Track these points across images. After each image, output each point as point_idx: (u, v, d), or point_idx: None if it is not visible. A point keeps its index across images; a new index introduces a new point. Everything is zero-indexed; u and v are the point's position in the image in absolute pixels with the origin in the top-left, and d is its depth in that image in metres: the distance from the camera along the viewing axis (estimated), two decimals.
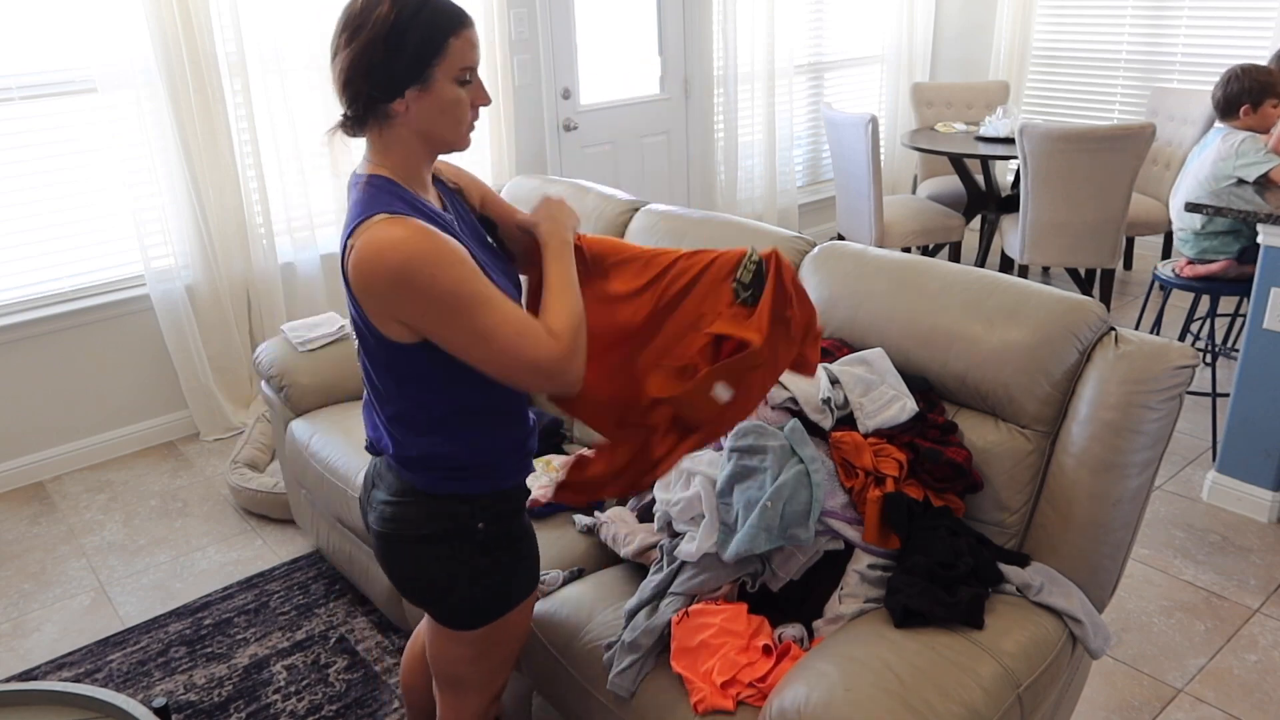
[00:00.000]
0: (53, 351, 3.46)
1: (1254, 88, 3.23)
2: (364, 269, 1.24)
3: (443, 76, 1.29)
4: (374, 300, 1.26)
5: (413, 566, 1.45)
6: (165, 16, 3.32)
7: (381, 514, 1.46)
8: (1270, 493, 2.91)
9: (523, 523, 1.52)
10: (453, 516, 1.43)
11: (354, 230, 1.27)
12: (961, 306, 1.86)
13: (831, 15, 5.57)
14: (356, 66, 1.27)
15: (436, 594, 1.46)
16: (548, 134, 4.51)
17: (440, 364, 1.34)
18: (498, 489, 1.46)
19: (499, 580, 1.48)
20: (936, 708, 1.41)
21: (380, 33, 1.25)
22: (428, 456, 1.40)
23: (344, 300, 3.97)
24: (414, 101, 1.29)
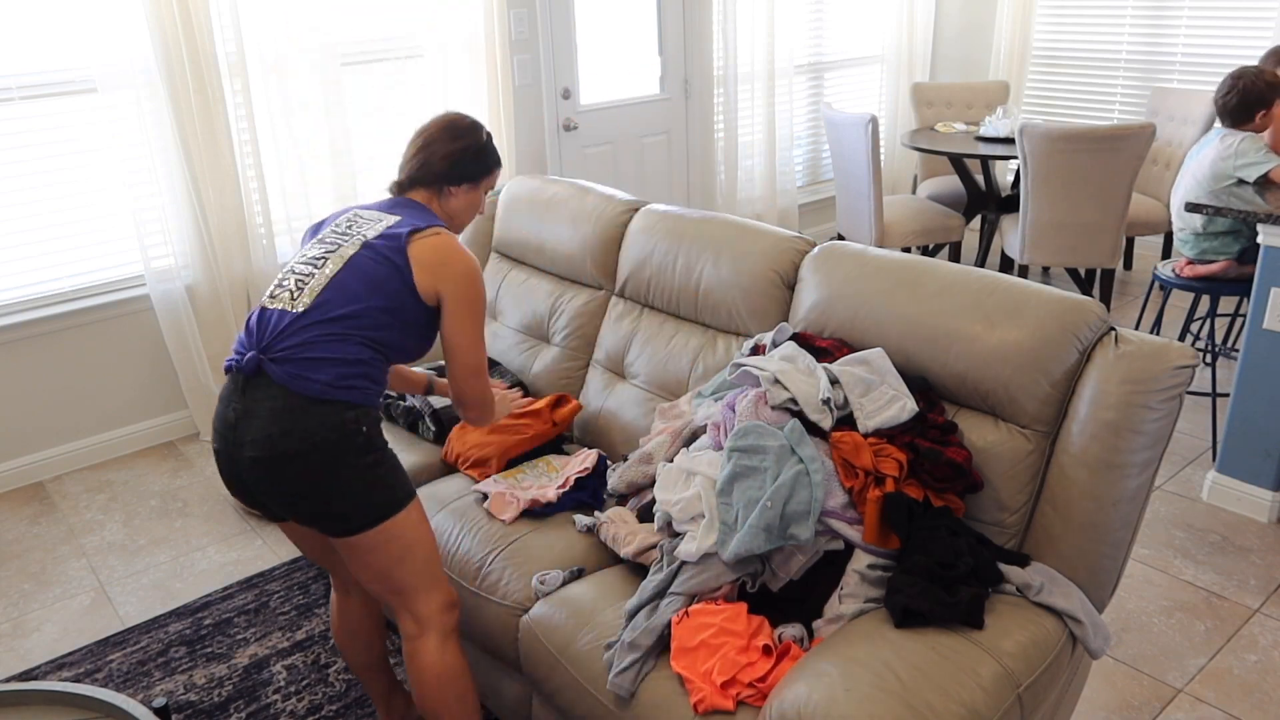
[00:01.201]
0: (53, 351, 3.46)
1: (1269, 90, 3.22)
2: (446, 253, 1.77)
3: (482, 187, 1.96)
4: (437, 271, 1.75)
5: (308, 477, 1.63)
6: (165, 16, 3.32)
7: (268, 435, 1.62)
8: (1270, 493, 2.91)
9: (385, 442, 1.75)
10: (341, 423, 1.64)
11: (429, 225, 1.80)
12: (961, 306, 1.86)
13: (831, 15, 5.57)
14: (454, 156, 1.89)
15: (331, 500, 1.65)
16: (548, 134, 4.51)
17: (421, 319, 1.78)
18: (376, 405, 1.74)
19: (381, 477, 1.69)
20: (936, 708, 1.41)
21: (475, 147, 1.92)
22: (334, 358, 1.66)
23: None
24: (465, 192, 1.93)
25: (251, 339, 1.72)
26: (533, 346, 2.72)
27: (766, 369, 1.85)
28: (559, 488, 2.19)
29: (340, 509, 1.66)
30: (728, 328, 2.32)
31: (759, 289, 2.23)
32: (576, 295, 2.68)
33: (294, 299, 1.72)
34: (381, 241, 1.76)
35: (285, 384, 1.64)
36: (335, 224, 1.85)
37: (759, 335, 2.08)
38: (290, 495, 1.65)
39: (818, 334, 2.07)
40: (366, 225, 1.81)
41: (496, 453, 2.32)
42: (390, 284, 1.73)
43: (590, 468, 2.24)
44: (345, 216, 1.87)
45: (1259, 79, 3.23)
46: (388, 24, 3.96)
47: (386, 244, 1.75)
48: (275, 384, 1.65)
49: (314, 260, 1.77)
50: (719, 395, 2.07)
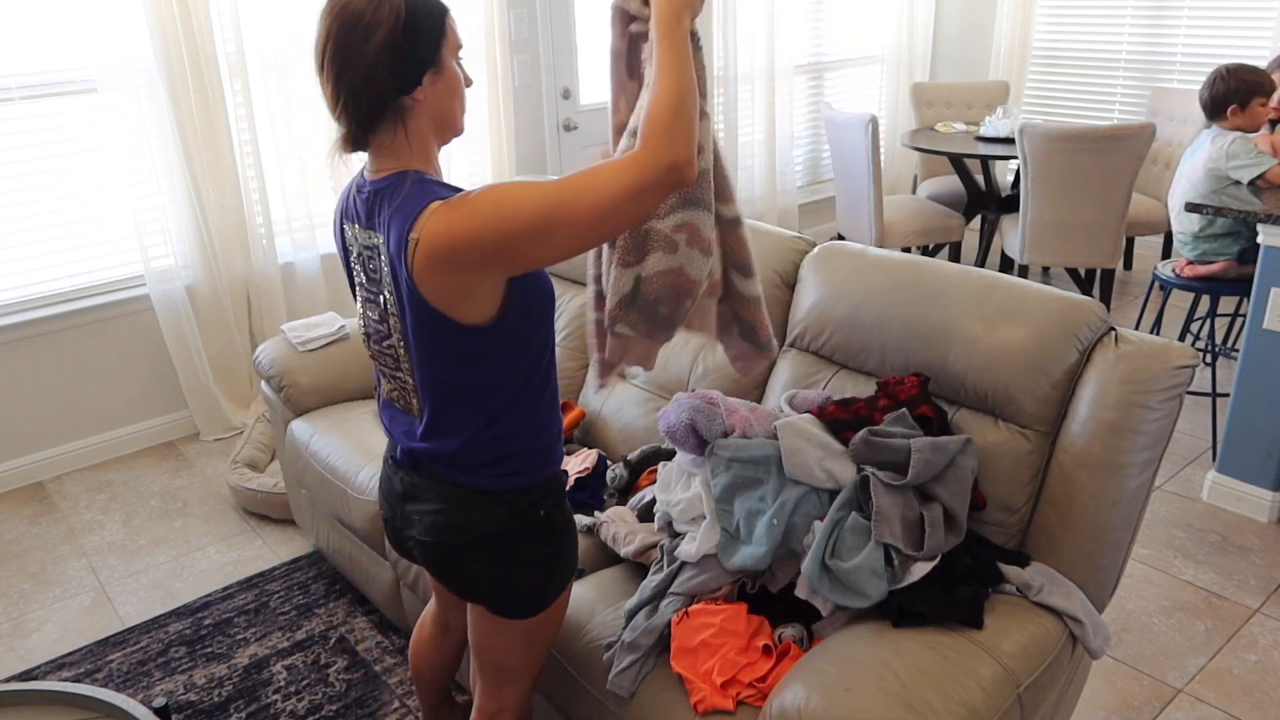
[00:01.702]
0: (53, 351, 3.46)
1: (1241, 88, 3.21)
2: (440, 258, 1.24)
3: (449, 56, 1.34)
4: (451, 285, 1.27)
5: (477, 569, 1.45)
6: (165, 17, 3.32)
7: (434, 524, 1.45)
8: (1270, 493, 2.91)
9: (568, 505, 1.55)
10: (514, 512, 1.44)
11: (411, 226, 1.26)
12: (961, 306, 1.86)
13: (831, 15, 5.57)
14: (380, 63, 1.27)
15: (501, 589, 1.47)
16: (548, 134, 4.51)
17: (508, 339, 1.36)
18: (553, 474, 1.49)
19: (557, 565, 1.51)
20: (936, 708, 1.41)
21: (398, 25, 1.27)
22: (487, 453, 1.41)
23: (344, 300, 3.99)
24: (430, 86, 1.32)
25: (394, 434, 1.53)
26: None
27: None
28: None
29: (508, 596, 1.49)
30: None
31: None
32: (577, 295, 2.68)
33: (407, 399, 1.47)
34: (406, 303, 1.34)
35: (447, 477, 1.44)
36: (355, 265, 1.46)
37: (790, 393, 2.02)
38: (465, 587, 1.49)
39: (840, 404, 1.92)
40: (374, 264, 1.39)
41: None
42: (456, 345, 1.34)
43: (590, 468, 2.24)
44: (349, 242, 1.45)
45: (1231, 76, 3.22)
46: None
47: (411, 305, 1.33)
48: (437, 474, 1.46)
49: (375, 333, 1.46)
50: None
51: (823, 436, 1.78)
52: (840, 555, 1.61)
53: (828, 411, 1.85)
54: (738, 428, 1.84)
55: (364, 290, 1.45)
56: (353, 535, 2.51)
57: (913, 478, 1.66)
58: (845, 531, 1.64)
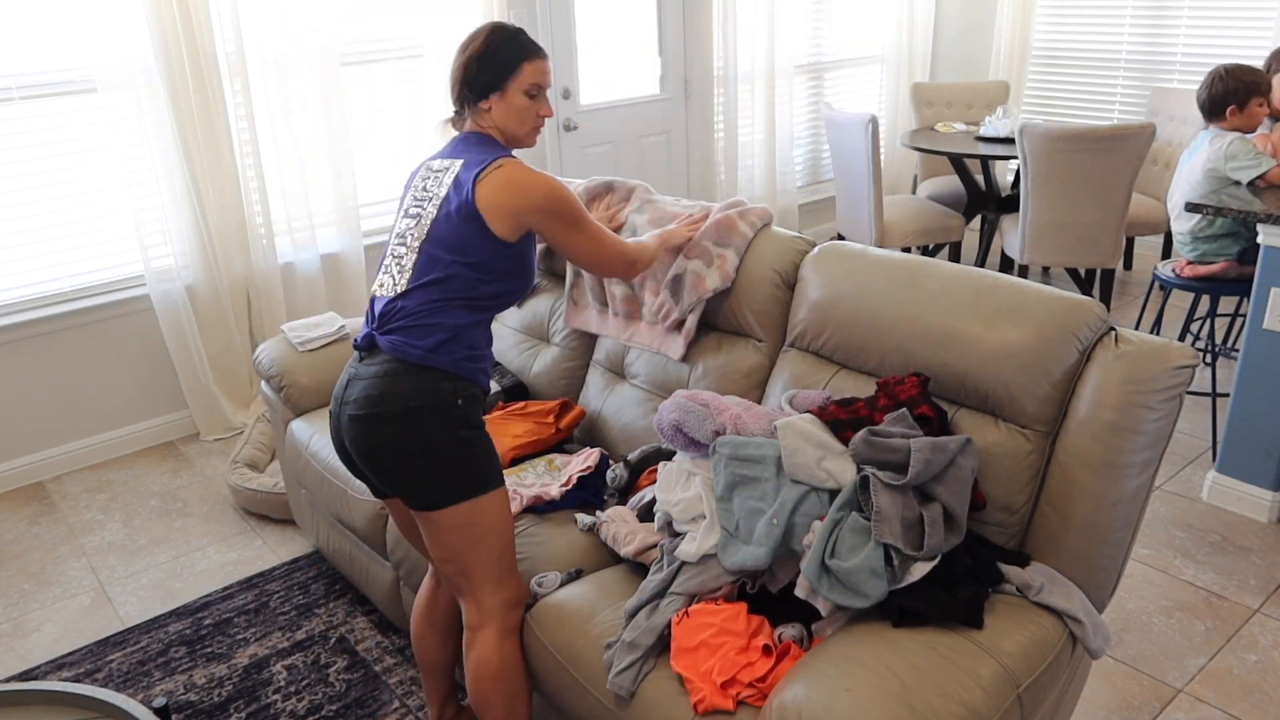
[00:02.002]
0: (53, 351, 3.46)
1: (1239, 88, 3.21)
2: (518, 186, 1.74)
3: (515, 89, 1.83)
4: (515, 208, 1.74)
5: (399, 441, 1.67)
6: (165, 16, 3.32)
7: (367, 396, 1.70)
8: (1270, 493, 2.91)
9: (482, 418, 1.78)
10: (436, 390, 1.69)
11: (493, 160, 1.76)
12: (961, 306, 1.86)
13: (831, 15, 5.57)
14: (461, 75, 1.83)
15: (419, 469, 1.68)
16: (548, 134, 4.51)
17: (505, 262, 1.78)
18: (475, 381, 1.77)
19: (471, 455, 1.72)
20: (936, 708, 1.41)
21: (474, 55, 1.82)
22: (435, 335, 1.71)
23: (344, 300, 3.99)
24: (496, 103, 1.84)
25: (369, 323, 1.81)
26: (533, 346, 2.72)
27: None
28: (562, 486, 2.19)
29: (426, 479, 1.69)
30: (728, 328, 2.32)
31: (759, 289, 2.23)
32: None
33: (396, 283, 1.78)
34: (454, 197, 1.76)
35: (390, 351, 1.71)
36: (414, 187, 1.87)
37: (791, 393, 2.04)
38: (381, 459, 1.69)
39: (834, 402, 1.97)
40: (437, 181, 1.81)
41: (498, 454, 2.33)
42: (472, 240, 1.74)
43: (593, 466, 2.24)
44: (420, 173, 1.88)
45: (1230, 76, 3.22)
46: (388, 24, 3.96)
47: (458, 199, 1.75)
48: (383, 352, 1.73)
49: (404, 236, 1.81)
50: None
51: (823, 436, 1.78)
52: (840, 555, 1.61)
53: (828, 411, 1.85)
54: (729, 426, 1.85)
55: (412, 203, 1.84)
56: (353, 535, 2.51)
57: (913, 478, 1.66)
58: (845, 531, 1.64)
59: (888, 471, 1.69)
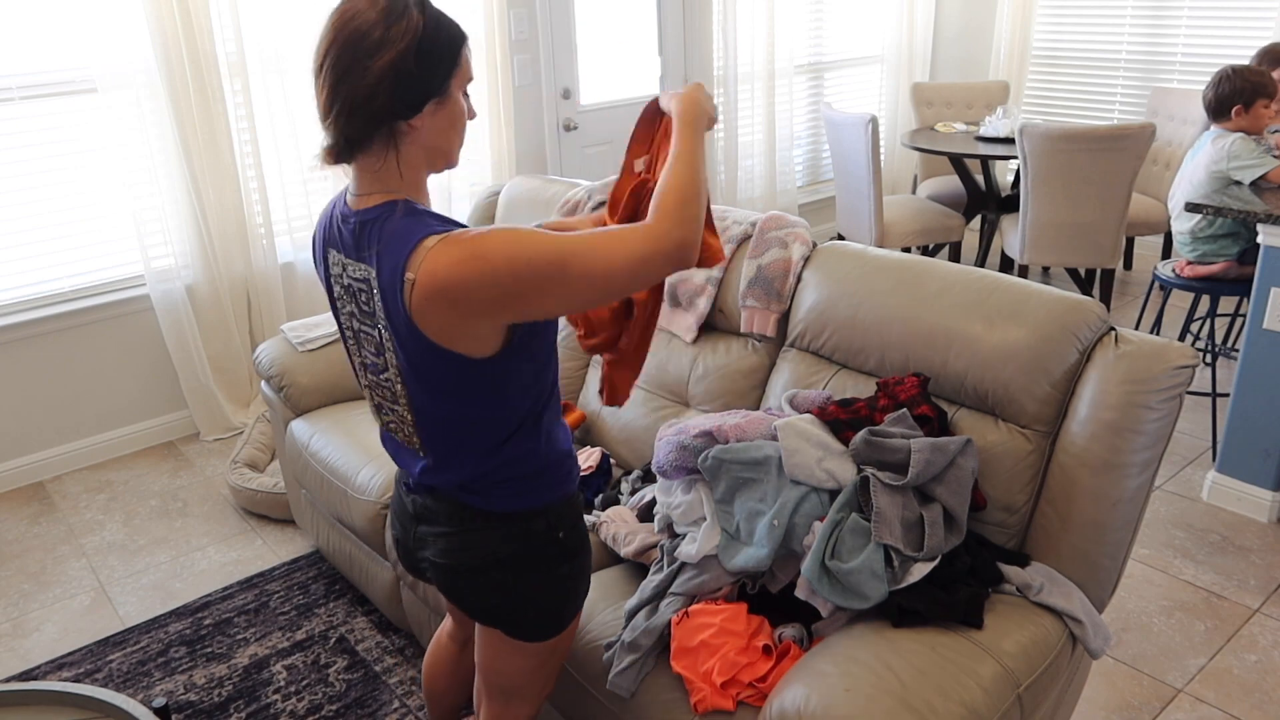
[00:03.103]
0: (53, 351, 3.46)
1: (1246, 88, 3.22)
2: (440, 297, 1.18)
3: (456, 88, 1.27)
4: (453, 322, 1.21)
5: (492, 592, 1.41)
6: (165, 17, 3.32)
7: (448, 547, 1.41)
8: (1270, 493, 2.91)
9: (585, 524, 1.51)
10: (529, 534, 1.40)
11: (405, 263, 1.20)
12: (961, 306, 1.86)
13: (831, 15, 5.57)
14: (384, 83, 1.19)
15: (516, 613, 1.44)
16: (548, 134, 4.51)
17: (515, 369, 1.31)
18: (568, 494, 1.45)
19: (574, 586, 1.48)
20: (936, 708, 1.41)
21: (411, 43, 1.20)
22: (499, 476, 1.37)
23: None
24: (430, 115, 1.25)
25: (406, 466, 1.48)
26: None
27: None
28: None
29: (521, 621, 1.46)
30: (727, 328, 2.32)
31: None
32: None
33: (410, 439, 1.42)
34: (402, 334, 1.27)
35: (460, 501, 1.40)
36: (337, 286, 1.37)
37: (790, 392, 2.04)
38: (474, 609, 1.46)
39: (833, 403, 1.97)
40: (368, 294, 1.30)
41: None
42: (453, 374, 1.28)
43: (594, 466, 2.24)
44: (334, 271, 1.36)
45: (1236, 77, 3.23)
46: None
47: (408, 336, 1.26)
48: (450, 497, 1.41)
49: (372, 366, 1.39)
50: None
51: (823, 436, 1.78)
52: (840, 556, 1.61)
53: (828, 411, 1.85)
54: (732, 437, 1.84)
55: (357, 321, 1.35)
56: (353, 535, 2.51)
57: (913, 478, 1.66)
58: (845, 532, 1.64)
59: (888, 472, 1.70)
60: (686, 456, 1.84)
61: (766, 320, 2.20)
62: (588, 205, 2.58)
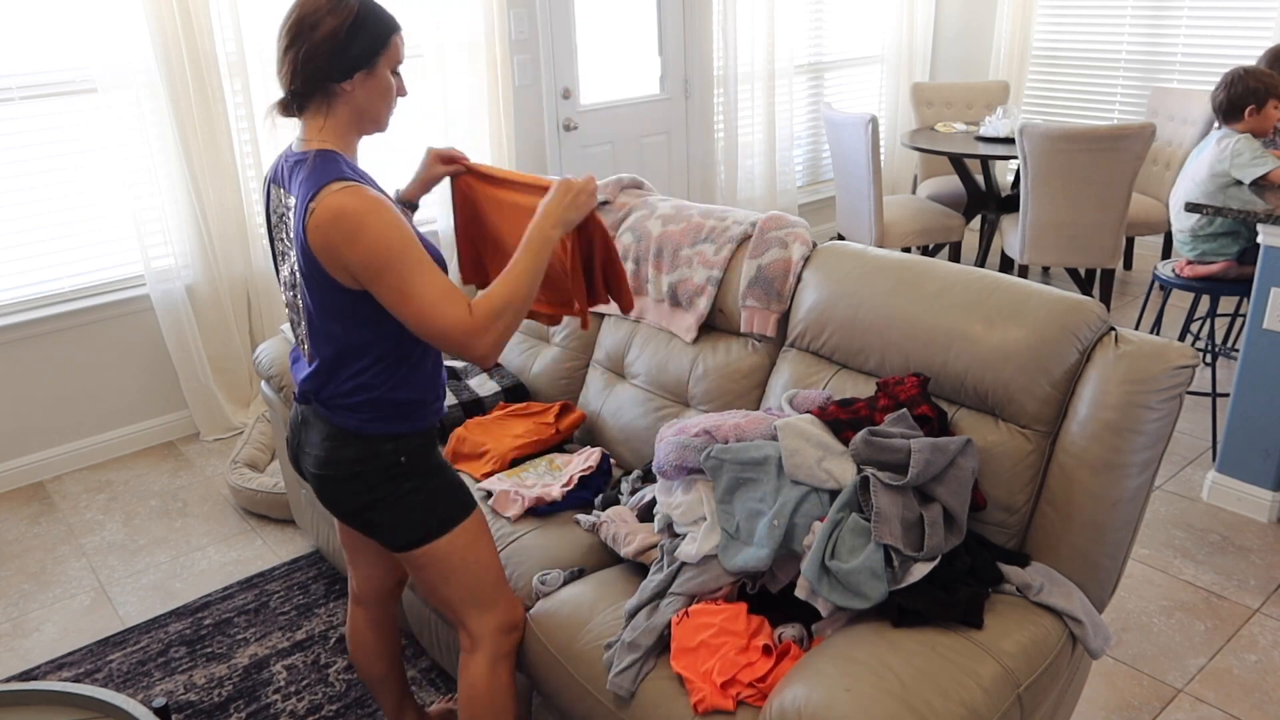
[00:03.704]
0: (53, 351, 3.46)
1: (1259, 89, 3.23)
2: (325, 229, 1.48)
3: (384, 66, 1.58)
4: (330, 253, 1.50)
5: (350, 500, 1.68)
6: (165, 17, 3.32)
7: (317, 458, 1.68)
8: (1270, 493, 2.91)
9: (437, 457, 1.74)
10: (378, 454, 1.66)
11: (314, 196, 1.50)
12: (961, 306, 1.86)
13: (831, 15, 5.57)
14: (321, 49, 1.52)
15: (375, 520, 1.69)
16: (548, 134, 4.51)
17: (376, 307, 1.58)
18: (417, 429, 1.69)
19: (425, 501, 1.70)
20: (936, 708, 1.41)
21: (343, 25, 1.52)
22: (356, 399, 1.63)
23: None
24: (360, 83, 1.56)
25: (298, 375, 1.75)
26: (532, 347, 2.72)
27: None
28: (563, 486, 2.19)
29: (384, 529, 1.70)
30: (727, 328, 2.32)
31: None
32: None
33: (306, 350, 1.70)
34: (299, 253, 1.56)
35: (329, 418, 1.67)
36: (274, 216, 1.69)
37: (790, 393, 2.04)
38: (339, 512, 1.72)
39: (833, 403, 2.01)
40: (288, 221, 1.61)
41: (497, 455, 2.33)
42: (329, 293, 1.56)
43: (594, 466, 2.24)
44: (273, 203, 1.68)
45: (1249, 78, 3.24)
46: None
47: (302, 255, 1.55)
48: (322, 413, 1.69)
49: (288, 283, 1.69)
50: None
51: (823, 436, 1.78)
52: (840, 556, 1.61)
53: (828, 411, 1.85)
54: (731, 437, 1.84)
55: (282, 245, 1.67)
56: None
57: (913, 478, 1.66)
58: (845, 532, 1.64)
59: (888, 472, 1.70)
60: (687, 456, 1.84)
61: (766, 320, 2.20)
62: None
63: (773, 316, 2.19)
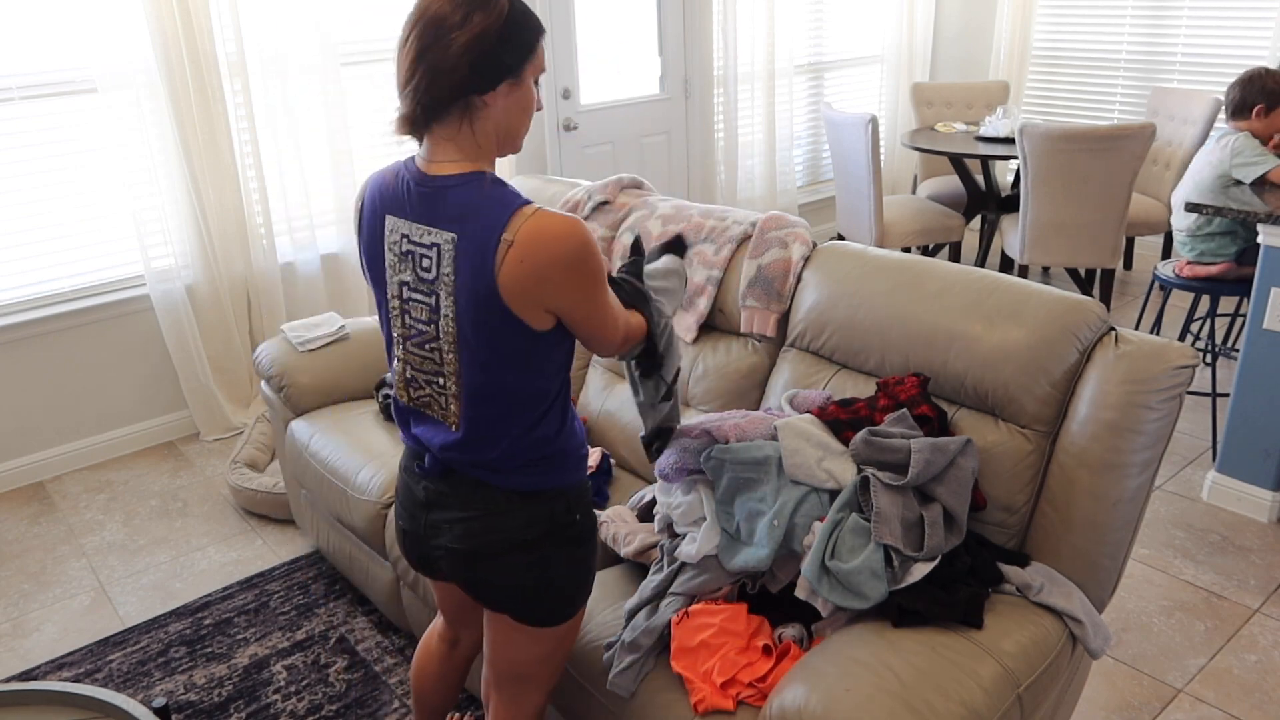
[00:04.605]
0: (53, 351, 3.46)
1: (1275, 91, 3.23)
2: (537, 262, 1.26)
3: (529, 74, 1.34)
4: (539, 289, 1.28)
5: (513, 575, 1.44)
6: (165, 17, 3.32)
7: (469, 530, 1.43)
8: (1270, 493, 2.91)
9: (595, 522, 1.55)
10: (551, 515, 1.44)
11: (506, 224, 1.27)
12: (961, 306, 1.86)
13: (831, 15, 5.57)
14: (467, 54, 1.26)
15: (534, 597, 1.46)
16: (548, 134, 4.51)
17: (560, 344, 1.39)
18: (584, 478, 1.50)
19: (588, 570, 1.51)
20: (936, 708, 1.41)
21: (495, 24, 1.27)
22: (529, 455, 1.41)
23: (344, 300, 3.99)
24: (504, 95, 1.32)
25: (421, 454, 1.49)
26: None
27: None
28: None
29: (540, 604, 1.48)
30: (727, 328, 2.32)
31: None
32: None
33: (444, 412, 1.43)
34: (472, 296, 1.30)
35: (487, 484, 1.43)
36: (391, 254, 1.40)
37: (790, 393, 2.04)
38: (491, 596, 1.47)
39: (836, 404, 1.99)
40: (432, 259, 1.34)
41: None
42: (519, 345, 1.34)
43: (594, 466, 2.24)
44: (392, 238, 1.38)
45: (1268, 79, 3.24)
46: (388, 24, 3.96)
47: (479, 298, 1.30)
48: (469, 481, 1.44)
49: (418, 334, 1.40)
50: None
51: (823, 436, 1.78)
52: (840, 556, 1.62)
53: (828, 411, 1.85)
54: (731, 437, 1.84)
55: (409, 289, 1.38)
56: (353, 535, 2.51)
57: (913, 478, 1.66)
58: (845, 533, 1.64)
59: (888, 472, 1.70)
60: (687, 458, 1.84)
61: (766, 320, 2.20)
62: (588, 205, 2.58)
63: (773, 316, 2.19)
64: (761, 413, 1.94)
